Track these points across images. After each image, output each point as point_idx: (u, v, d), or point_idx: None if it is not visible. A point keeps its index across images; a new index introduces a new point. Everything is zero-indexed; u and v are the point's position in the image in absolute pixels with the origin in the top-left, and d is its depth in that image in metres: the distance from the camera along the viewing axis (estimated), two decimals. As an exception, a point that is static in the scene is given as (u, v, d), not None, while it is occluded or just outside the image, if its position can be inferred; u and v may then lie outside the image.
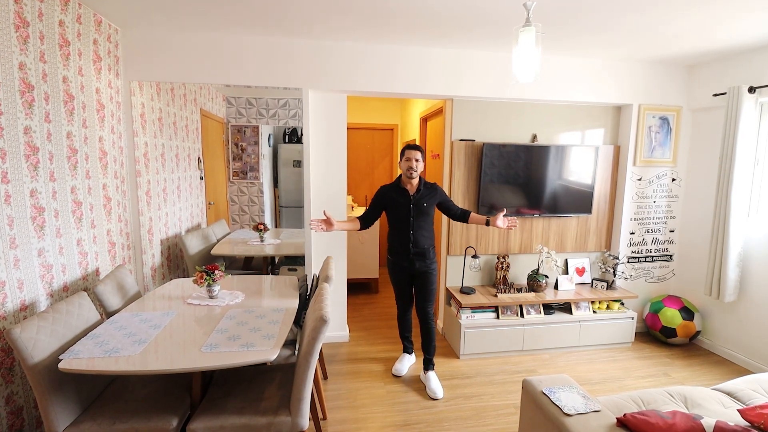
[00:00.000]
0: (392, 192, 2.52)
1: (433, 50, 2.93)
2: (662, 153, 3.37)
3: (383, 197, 2.53)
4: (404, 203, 2.48)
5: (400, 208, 2.48)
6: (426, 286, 2.59)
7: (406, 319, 2.77)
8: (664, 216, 3.48)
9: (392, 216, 2.53)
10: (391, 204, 2.50)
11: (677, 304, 3.25)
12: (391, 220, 2.55)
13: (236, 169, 3.46)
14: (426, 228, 2.53)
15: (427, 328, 2.63)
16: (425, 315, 2.62)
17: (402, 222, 2.50)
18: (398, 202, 2.49)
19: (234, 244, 3.32)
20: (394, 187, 2.53)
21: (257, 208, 3.51)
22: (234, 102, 3.33)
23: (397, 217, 2.50)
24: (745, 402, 1.83)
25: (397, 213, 2.50)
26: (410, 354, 2.87)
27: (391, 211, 2.53)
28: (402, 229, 2.51)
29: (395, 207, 2.50)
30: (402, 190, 2.50)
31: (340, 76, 2.85)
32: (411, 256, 2.52)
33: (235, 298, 2.19)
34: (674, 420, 1.32)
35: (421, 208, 2.48)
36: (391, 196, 2.51)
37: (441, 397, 2.52)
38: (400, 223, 2.51)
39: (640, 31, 2.47)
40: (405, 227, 2.49)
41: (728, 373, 2.87)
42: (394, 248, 2.58)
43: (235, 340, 1.69)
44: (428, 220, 2.54)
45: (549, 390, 1.61)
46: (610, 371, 2.91)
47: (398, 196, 2.50)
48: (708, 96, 3.11)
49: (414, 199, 2.48)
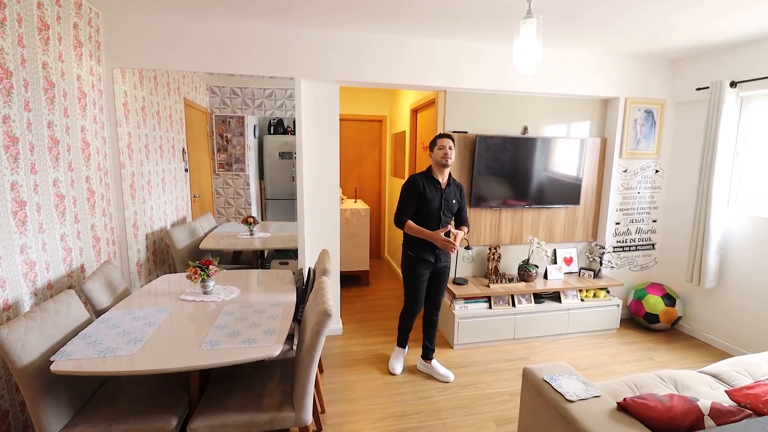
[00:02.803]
0: (424, 181, 2.43)
1: (430, 41, 2.90)
2: (647, 145, 3.46)
3: (416, 186, 2.41)
4: (436, 195, 2.42)
5: (433, 200, 2.41)
6: (444, 281, 2.62)
7: (411, 321, 2.68)
8: (647, 206, 3.59)
9: (422, 207, 2.43)
10: (424, 194, 2.40)
11: (660, 291, 3.37)
12: (420, 211, 2.44)
13: (221, 161, 3.36)
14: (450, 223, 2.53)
15: (435, 320, 2.68)
16: (436, 308, 2.66)
17: (432, 215, 2.42)
18: (430, 193, 2.41)
19: (222, 238, 3.24)
20: (425, 177, 2.45)
21: (243, 201, 3.42)
22: (218, 92, 3.22)
23: (428, 209, 2.42)
24: (730, 383, 1.92)
25: (427, 205, 2.41)
26: (404, 348, 2.81)
27: (422, 201, 2.41)
28: (432, 222, 2.43)
29: (427, 198, 2.40)
30: (434, 180, 2.43)
31: (334, 66, 2.79)
32: (438, 251, 2.48)
33: (230, 293, 2.14)
34: (672, 403, 1.37)
35: (450, 204, 2.46)
36: (424, 185, 2.41)
37: (453, 378, 2.62)
38: (430, 216, 2.43)
39: (635, 26, 2.50)
40: (435, 220, 2.43)
41: (708, 356, 3.00)
42: (418, 242, 2.46)
43: (236, 336, 1.65)
44: (451, 218, 2.54)
45: (550, 377, 1.64)
46: (598, 357, 3.00)
47: (430, 186, 2.42)
48: (691, 90, 3.20)
49: (445, 193, 2.44)
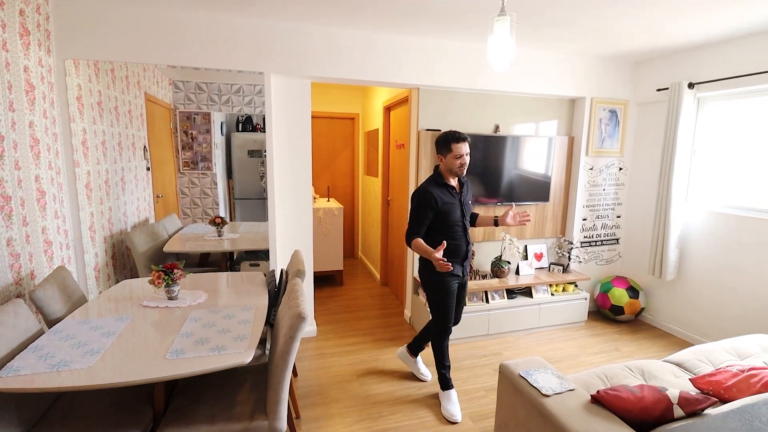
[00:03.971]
0: (438, 191, 2.17)
1: (403, 38, 2.87)
2: (611, 144, 3.59)
3: (430, 201, 2.13)
4: (455, 203, 2.21)
5: (453, 211, 2.19)
6: (463, 296, 2.43)
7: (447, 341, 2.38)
8: (612, 203, 3.73)
9: (442, 220, 2.17)
10: (441, 205, 2.15)
11: (624, 284, 3.51)
12: (442, 224, 2.18)
13: (186, 159, 3.21)
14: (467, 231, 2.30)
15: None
16: (457, 322, 2.44)
17: (455, 224, 2.21)
18: (448, 203, 2.17)
19: (188, 240, 3.10)
20: (437, 185, 2.20)
21: (210, 201, 3.29)
22: (182, 86, 3.07)
23: (449, 222, 2.19)
24: (693, 371, 2.02)
25: (447, 217, 2.18)
26: (451, 387, 2.37)
27: (440, 216, 2.16)
28: (457, 233, 2.21)
29: (447, 210, 2.17)
30: (448, 186, 2.22)
31: (305, 61, 2.71)
32: (464, 264, 2.29)
33: (197, 298, 2.04)
34: (643, 393, 1.41)
35: (468, 206, 2.31)
36: (438, 197, 2.15)
37: (430, 378, 2.55)
38: (454, 226, 2.20)
39: (599, 27, 2.58)
40: (461, 230, 2.23)
41: (670, 345, 3.15)
42: (447, 257, 2.09)
43: (204, 343, 1.57)
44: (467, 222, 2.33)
45: (526, 372, 1.66)
46: (568, 349, 3.09)
47: (445, 194, 2.18)
48: (652, 91, 3.34)
49: (460, 196, 2.26)
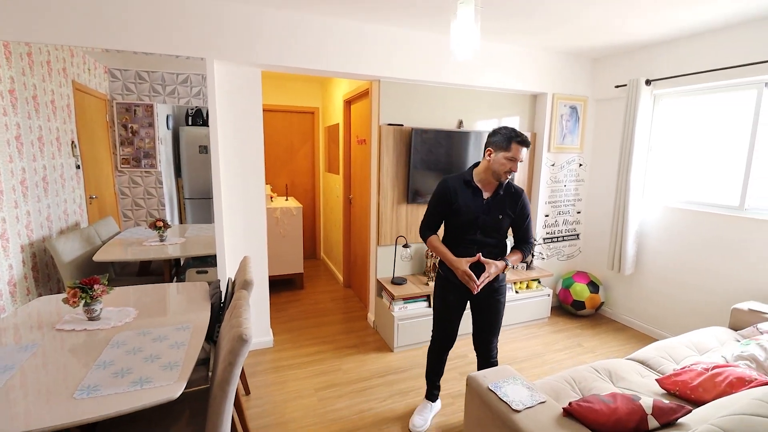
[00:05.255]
0: (459, 187, 1.91)
1: (363, 26, 2.69)
2: (572, 140, 3.60)
3: (446, 193, 1.91)
4: (473, 207, 1.88)
5: (466, 212, 1.88)
6: (492, 314, 2.01)
7: (444, 357, 2.19)
8: (572, 198, 3.75)
9: (454, 219, 1.93)
10: (456, 203, 1.90)
11: (585, 279, 3.54)
12: (452, 223, 1.95)
13: (126, 156, 2.86)
14: (496, 246, 1.93)
15: (491, 362, 2.10)
16: (488, 350, 2.08)
17: (464, 230, 1.91)
18: (464, 203, 1.88)
19: (126, 246, 2.77)
20: (462, 182, 1.92)
21: (156, 201, 2.96)
22: (120, 75, 2.72)
23: (460, 222, 1.91)
24: (656, 368, 2.00)
25: (459, 216, 1.90)
26: (435, 401, 2.24)
27: (453, 212, 1.92)
28: (462, 240, 1.92)
29: (459, 209, 1.89)
30: (474, 188, 1.90)
31: (255, 47, 2.46)
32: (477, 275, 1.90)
33: (124, 316, 1.76)
34: (616, 404, 1.34)
35: (495, 219, 1.89)
36: (457, 193, 1.90)
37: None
38: (462, 231, 1.92)
39: (560, 17, 2.52)
40: (468, 238, 1.91)
41: (629, 339, 3.21)
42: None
43: (124, 375, 1.32)
44: (500, 238, 1.94)
45: (495, 385, 1.55)
46: (533, 347, 3.06)
47: (466, 194, 1.89)
48: (611, 87, 3.37)
49: (487, 205, 1.89)
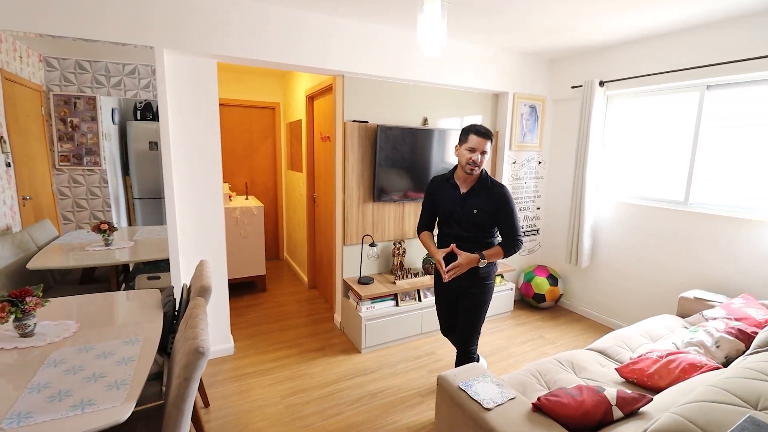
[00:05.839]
0: (442, 184, 2.06)
1: (329, 18, 2.61)
2: (531, 138, 3.71)
3: (432, 191, 2.08)
4: (450, 201, 1.99)
5: (443, 206, 2.02)
6: (466, 310, 2.04)
7: (450, 339, 2.29)
8: (532, 195, 3.87)
9: (438, 214, 2.08)
10: (438, 199, 2.05)
11: (545, 272, 3.67)
12: (438, 218, 2.11)
13: (65, 152, 2.60)
14: (474, 240, 1.97)
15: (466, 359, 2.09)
16: (462, 344, 2.10)
17: (444, 223, 2.05)
18: (444, 199, 2.01)
19: (66, 252, 2.52)
20: (444, 180, 2.06)
21: (100, 202, 2.72)
22: (57, 64, 2.46)
23: (442, 217, 2.06)
24: (614, 357, 2.09)
25: (440, 211, 2.05)
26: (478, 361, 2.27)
27: (436, 207, 2.07)
28: (444, 233, 2.06)
29: (439, 203, 2.04)
30: (453, 184, 2.01)
31: (209, 36, 2.31)
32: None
33: (63, 331, 1.58)
34: (583, 397, 1.37)
35: (470, 214, 1.95)
36: (439, 190, 2.05)
37: None
38: (444, 226, 2.06)
39: (520, 21, 2.56)
40: (447, 231, 2.04)
41: (587, 329, 3.36)
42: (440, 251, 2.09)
43: (62, 399, 1.18)
44: (476, 232, 1.98)
45: (466, 384, 1.55)
46: (497, 341, 3.12)
47: (446, 190, 2.02)
48: (567, 88, 3.50)
49: (463, 199, 1.97)
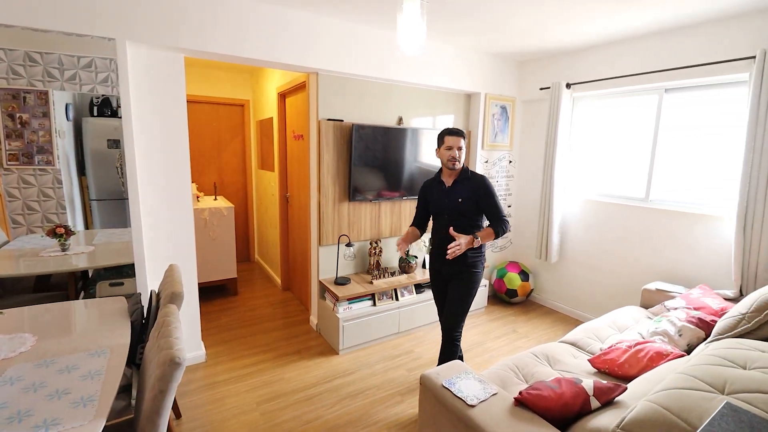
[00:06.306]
0: (432, 184, 2.30)
1: (301, 13, 2.55)
2: (502, 138, 3.79)
3: (424, 192, 2.34)
4: (437, 194, 2.24)
5: (435, 201, 2.25)
6: (452, 295, 2.16)
7: None
8: (504, 193, 3.96)
9: (431, 209, 2.32)
10: (429, 198, 2.30)
11: (516, 268, 3.77)
12: (432, 214, 2.33)
13: (14, 151, 2.39)
14: (465, 228, 2.11)
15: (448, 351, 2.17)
16: (447, 330, 2.17)
17: (437, 215, 2.27)
18: (433, 195, 2.26)
19: (16, 258, 2.33)
20: (433, 180, 2.31)
21: (54, 204, 2.52)
22: (4, 56, 2.25)
23: (434, 212, 2.29)
24: (586, 348, 2.18)
25: (433, 207, 2.28)
26: None
27: (428, 203, 2.31)
28: (437, 226, 2.26)
29: (431, 201, 2.28)
30: (440, 181, 2.25)
31: (175, 27, 2.20)
32: (442, 258, 2.17)
33: (18, 345, 1.45)
34: (562, 389, 1.41)
35: (455, 201, 2.15)
36: (429, 189, 2.31)
37: None
38: (436, 220, 2.27)
39: (491, 23, 2.62)
40: (439, 224, 2.24)
41: (557, 321, 3.48)
42: (432, 247, 2.34)
43: (22, 419, 1.08)
44: (466, 222, 2.14)
45: (449, 382, 1.55)
46: (473, 337, 3.17)
47: (435, 187, 2.26)
48: (536, 89, 3.60)
49: (448, 191, 2.19)
